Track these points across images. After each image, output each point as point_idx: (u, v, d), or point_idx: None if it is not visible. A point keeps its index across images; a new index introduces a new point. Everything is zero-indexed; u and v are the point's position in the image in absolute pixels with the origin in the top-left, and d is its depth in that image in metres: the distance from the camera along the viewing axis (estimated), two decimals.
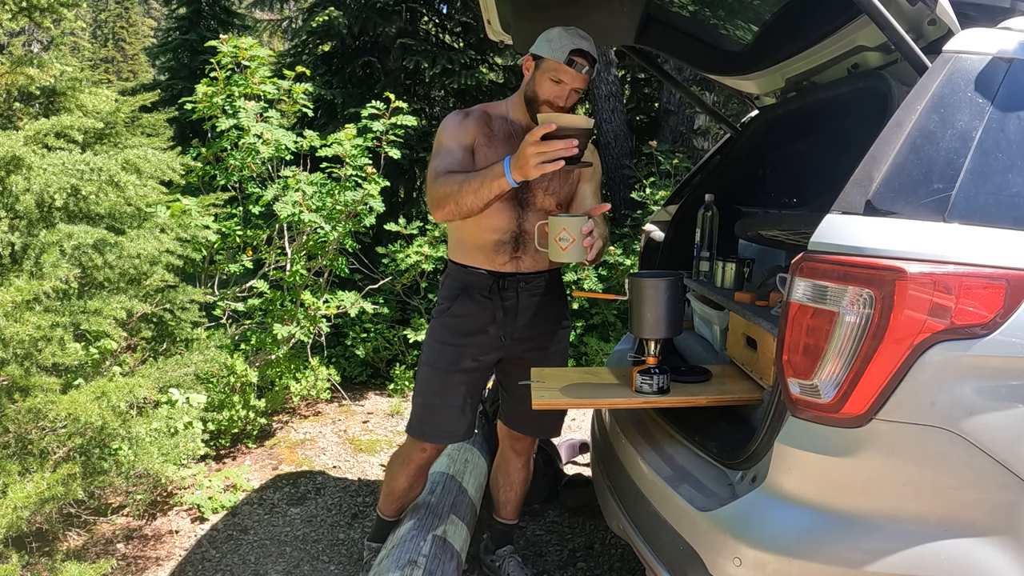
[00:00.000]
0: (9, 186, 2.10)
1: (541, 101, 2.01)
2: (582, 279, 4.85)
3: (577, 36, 2.00)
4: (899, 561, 1.34)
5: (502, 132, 2.08)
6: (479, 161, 2.03)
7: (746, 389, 2.00)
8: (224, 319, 3.91)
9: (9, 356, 1.95)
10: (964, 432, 1.31)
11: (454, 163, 2.01)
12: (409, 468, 2.27)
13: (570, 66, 1.96)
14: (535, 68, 2.03)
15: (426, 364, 2.17)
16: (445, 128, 2.07)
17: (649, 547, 1.73)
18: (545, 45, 2.01)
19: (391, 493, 2.35)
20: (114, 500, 2.83)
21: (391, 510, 2.39)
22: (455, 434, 2.19)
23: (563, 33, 2.00)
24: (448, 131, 2.06)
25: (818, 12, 1.96)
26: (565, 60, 1.96)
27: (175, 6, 9.04)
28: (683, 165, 5.99)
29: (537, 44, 2.04)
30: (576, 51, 1.97)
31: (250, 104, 3.87)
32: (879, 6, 1.44)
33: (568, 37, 1.99)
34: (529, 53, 2.05)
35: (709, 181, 2.69)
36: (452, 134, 2.05)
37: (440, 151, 2.05)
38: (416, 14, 7.22)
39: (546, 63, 1.99)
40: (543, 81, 2.00)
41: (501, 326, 2.13)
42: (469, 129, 2.06)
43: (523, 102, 2.08)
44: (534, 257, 2.11)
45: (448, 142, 2.05)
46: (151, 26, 32.19)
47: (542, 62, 2.01)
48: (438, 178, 1.97)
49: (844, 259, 1.35)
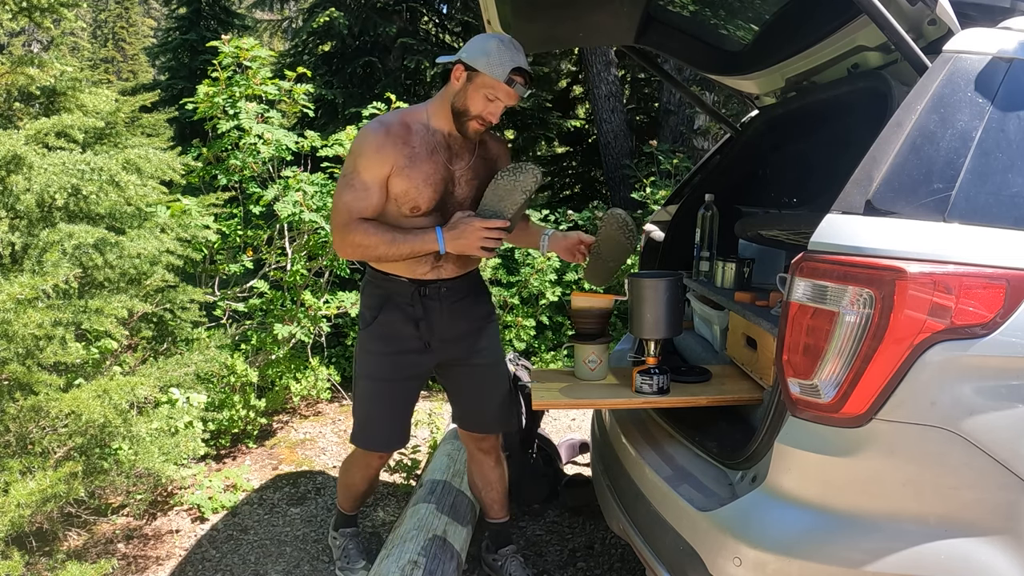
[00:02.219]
0: (10, 186, 2.10)
1: (472, 116, 1.95)
2: (582, 279, 4.86)
3: (517, 52, 1.92)
4: (899, 561, 1.34)
5: (424, 147, 1.97)
6: (397, 187, 1.94)
7: (746, 389, 2.00)
8: (224, 319, 3.91)
9: (11, 354, 1.95)
10: (964, 432, 1.31)
11: (368, 208, 1.94)
12: (367, 472, 2.34)
13: (509, 85, 1.90)
14: (467, 80, 1.93)
15: (362, 376, 2.15)
16: (363, 153, 1.93)
17: (649, 547, 1.73)
18: (482, 59, 1.89)
19: (352, 494, 2.43)
20: (114, 500, 2.83)
21: (352, 507, 2.48)
22: (399, 441, 2.22)
23: (502, 48, 1.90)
24: (365, 159, 1.92)
25: (818, 12, 1.96)
26: (505, 79, 1.89)
27: (175, 6, 9.04)
28: (683, 165, 5.99)
29: (471, 54, 1.91)
30: (516, 70, 1.90)
31: (251, 105, 3.87)
32: (879, 6, 1.44)
33: (508, 53, 1.90)
34: (460, 60, 1.93)
35: (709, 181, 2.69)
36: (369, 165, 1.92)
37: (354, 182, 1.94)
38: (416, 14, 7.23)
39: (482, 78, 1.90)
40: (476, 96, 1.93)
41: (427, 332, 2.09)
42: (387, 157, 1.92)
43: (447, 110, 1.98)
44: (455, 263, 2.08)
45: (364, 174, 1.93)
46: (151, 26, 32.19)
47: (477, 76, 1.91)
48: (352, 225, 1.92)
49: (844, 259, 1.35)
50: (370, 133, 1.94)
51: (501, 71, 1.89)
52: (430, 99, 2.05)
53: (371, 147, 1.92)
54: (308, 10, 7.38)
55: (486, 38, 1.94)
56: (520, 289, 4.74)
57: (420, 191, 1.95)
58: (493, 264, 4.74)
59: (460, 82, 1.94)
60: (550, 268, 4.72)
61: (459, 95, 1.95)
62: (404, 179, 1.94)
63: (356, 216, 1.93)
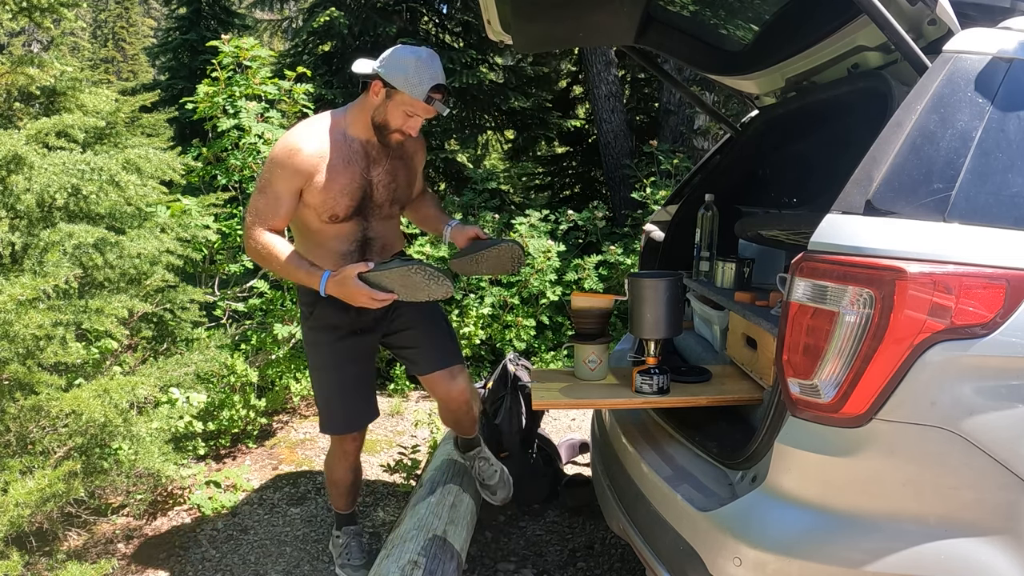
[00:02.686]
0: (10, 186, 2.10)
1: (392, 130, 2.00)
2: (582, 279, 4.86)
3: (435, 68, 1.95)
4: (899, 561, 1.34)
5: (341, 158, 2.00)
6: (314, 198, 1.99)
7: (746, 389, 2.00)
8: (224, 319, 3.91)
9: (12, 354, 1.95)
10: (964, 432, 1.31)
11: (277, 216, 1.99)
12: (347, 462, 2.36)
13: (428, 103, 1.95)
14: (386, 96, 1.96)
15: (314, 368, 2.26)
16: (279, 163, 1.96)
17: (649, 547, 1.73)
18: (400, 77, 1.92)
19: (341, 490, 2.44)
20: (114, 500, 2.83)
21: (346, 505, 2.49)
22: (366, 417, 2.30)
23: (420, 65, 1.92)
24: (280, 169, 1.96)
25: (818, 12, 1.96)
26: (424, 99, 1.94)
27: (175, 6, 9.05)
28: (683, 165, 5.99)
29: (389, 71, 1.93)
30: (435, 87, 1.94)
31: (251, 104, 3.87)
32: (879, 6, 1.44)
33: (427, 71, 1.93)
34: (377, 75, 1.94)
35: (709, 181, 2.69)
36: (283, 176, 1.96)
37: (267, 190, 1.98)
38: (416, 14, 7.23)
39: (401, 96, 1.94)
40: (396, 112, 1.97)
41: (359, 317, 2.16)
42: (302, 170, 1.96)
43: (366, 120, 2.02)
44: (379, 252, 2.16)
45: (277, 184, 1.97)
46: (151, 26, 32.20)
47: (396, 94, 1.94)
48: (259, 231, 1.98)
49: (844, 259, 1.35)
50: (288, 144, 1.96)
51: (420, 91, 1.93)
52: (349, 104, 2.08)
53: (287, 159, 1.95)
54: (308, 10, 7.38)
55: (404, 54, 1.95)
56: (520, 289, 4.74)
57: (337, 201, 2.01)
58: None
59: (379, 98, 1.97)
60: (550, 268, 4.72)
61: (378, 110, 1.99)
62: (320, 191, 1.99)
63: (265, 222, 1.99)
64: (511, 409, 2.97)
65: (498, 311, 4.71)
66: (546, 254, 4.72)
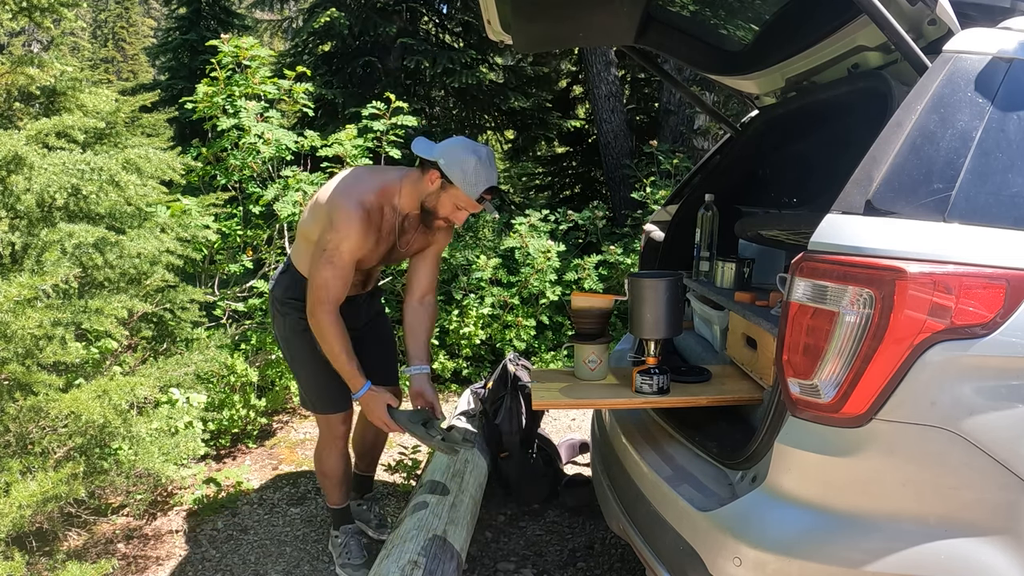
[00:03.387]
0: (10, 186, 2.10)
1: (439, 216, 2.14)
2: (582, 279, 4.86)
3: (492, 171, 2.07)
4: (899, 561, 1.34)
5: (387, 228, 2.18)
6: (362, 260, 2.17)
7: (746, 389, 2.00)
8: (224, 319, 3.91)
9: (11, 354, 1.95)
10: (964, 432, 1.31)
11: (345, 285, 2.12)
12: (336, 448, 2.44)
13: (479, 202, 2.08)
14: (440, 187, 2.08)
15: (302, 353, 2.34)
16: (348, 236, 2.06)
17: (649, 547, 1.73)
18: (459, 174, 2.03)
19: (332, 482, 2.50)
20: (114, 500, 2.83)
21: (340, 497, 2.54)
22: (348, 398, 2.37)
23: (479, 168, 2.03)
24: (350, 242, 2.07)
25: (818, 12, 1.96)
26: (476, 198, 2.06)
27: (175, 6, 9.04)
28: (683, 165, 5.99)
29: (449, 164, 2.03)
30: (488, 189, 2.06)
31: (251, 104, 3.87)
32: (879, 6, 1.44)
33: (484, 173, 2.04)
34: (438, 167, 2.05)
35: (709, 181, 2.69)
36: (352, 248, 2.08)
37: (335, 260, 2.07)
38: (416, 14, 7.23)
39: (455, 191, 2.06)
40: (447, 203, 2.10)
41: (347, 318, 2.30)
42: (367, 240, 2.12)
43: (415, 200, 2.15)
44: (363, 286, 2.43)
45: (347, 256, 2.09)
46: (151, 26, 32.19)
47: (451, 187, 2.06)
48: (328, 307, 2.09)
49: (844, 259, 1.35)
50: (355, 217, 2.07)
51: (475, 191, 2.05)
52: (404, 173, 2.18)
53: (357, 231, 2.07)
54: (308, 10, 7.38)
55: (465, 152, 2.05)
56: (520, 289, 4.74)
57: (371, 259, 2.24)
58: (494, 264, 4.74)
59: (434, 186, 2.09)
60: (550, 268, 4.72)
61: (431, 196, 2.12)
62: (367, 255, 2.19)
63: (335, 295, 2.10)
64: (511, 409, 2.97)
65: (498, 311, 4.71)
66: (546, 254, 4.72)
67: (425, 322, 2.40)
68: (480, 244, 5.15)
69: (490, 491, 2.95)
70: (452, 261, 4.82)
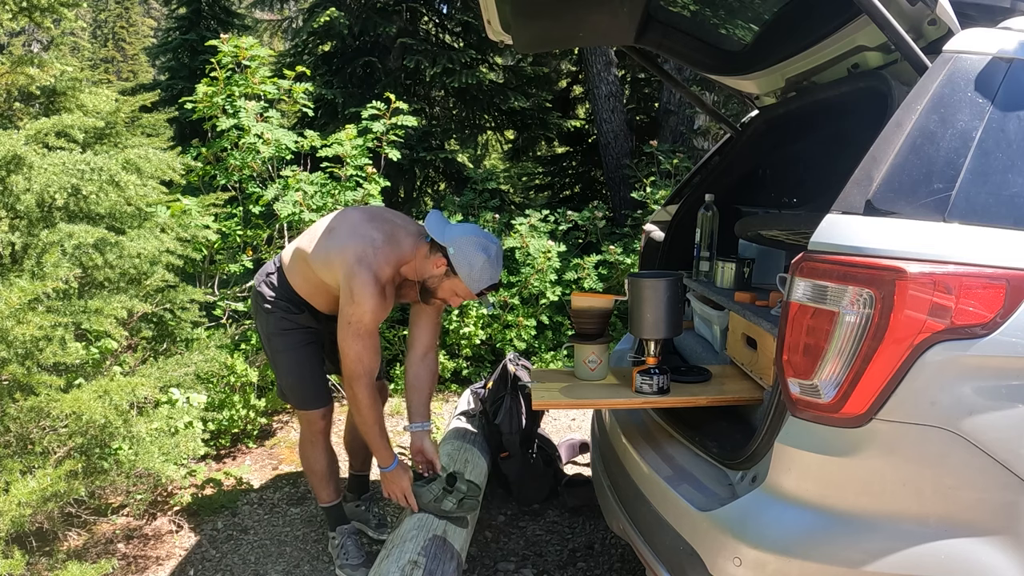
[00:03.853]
0: (10, 186, 2.10)
1: (436, 297, 2.25)
2: (582, 279, 4.86)
3: (498, 270, 2.18)
4: (899, 561, 1.34)
5: (393, 290, 2.27)
6: None
7: (746, 389, 2.00)
8: (224, 319, 3.91)
9: (11, 355, 1.95)
10: (964, 432, 1.31)
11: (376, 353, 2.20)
12: (318, 445, 2.47)
13: (476, 295, 2.19)
14: (444, 274, 2.18)
15: (281, 351, 2.39)
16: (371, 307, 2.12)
17: (649, 547, 1.73)
18: (466, 270, 2.13)
19: (319, 479, 2.51)
20: (114, 500, 2.83)
21: (329, 494, 2.54)
22: (329, 395, 2.46)
23: (485, 267, 2.14)
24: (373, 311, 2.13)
25: (818, 12, 1.96)
26: (477, 293, 2.18)
27: (175, 6, 9.04)
28: (683, 165, 5.99)
29: (457, 257, 2.12)
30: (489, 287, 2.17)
31: (250, 104, 3.87)
32: (879, 6, 1.44)
33: (490, 272, 2.15)
34: (445, 253, 2.14)
35: (709, 181, 2.69)
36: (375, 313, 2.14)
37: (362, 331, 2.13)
38: (416, 14, 7.23)
39: (456, 282, 2.17)
40: (447, 287, 2.21)
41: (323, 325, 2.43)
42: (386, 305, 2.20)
43: (419, 275, 2.24)
44: None
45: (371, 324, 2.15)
46: (151, 26, 32.18)
47: (453, 277, 2.16)
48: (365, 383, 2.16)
49: (844, 259, 1.35)
50: (374, 291, 2.13)
51: (476, 287, 2.16)
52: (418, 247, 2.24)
53: (376, 302, 2.14)
54: (308, 10, 7.38)
55: (476, 248, 2.14)
56: (520, 289, 4.74)
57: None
58: None
59: (439, 271, 2.19)
60: (550, 268, 4.72)
61: (432, 279, 2.22)
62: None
63: (369, 366, 2.17)
64: (511, 409, 2.97)
65: (498, 311, 4.71)
66: (546, 254, 4.72)
67: (426, 379, 2.43)
68: None
69: (490, 491, 2.95)
70: None
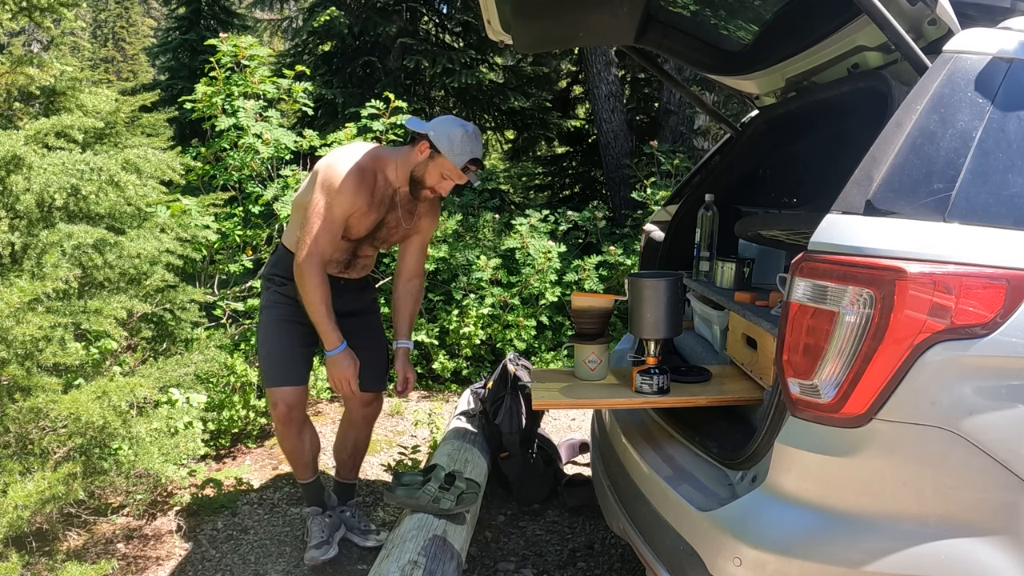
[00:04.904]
0: (9, 186, 2.10)
1: (426, 186, 2.28)
2: (583, 279, 4.86)
3: (477, 144, 2.23)
4: (899, 561, 1.34)
5: (379, 198, 2.30)
6: (351, 225, 2.28)
7: (746, 389, 2.00)
8: (224, 319, 3.91)
9: (10, 356, 1.95)
10: (964, 432, 1.31)
11: (334, 241, 2.25)
12: (291, 426, 2.45)
13: (464, 171, 2.23)
14: (429, 156, 2.23)
15: (262, 324, 2.45)
16: (340, 192, 2.19)
17: (649, 547, 1.73)
18: (446, 144, 2.19)
19: (296, 459, 2.54)
20: (114, 500, 2.82)
21: (307, 472, 2.57)
22: (300, 376, 2.44)
23: (465, 139, 2.19)
24: (342, 198, 2.20)
25: (818, 12, 1.96)
26: (461, 167, 2.21)
27: (175, 6, 9.04)
28: (683, 165, 5.99)
29: (438, 136, 2.19)
30: (472, 160, 2.22)
31: (249, 103, 3.87)
32: (879, 6, 1.44)
33: (470, 145, 2.20)
34: (427, 138, 2.20)
35: (709, 181, 2.69)
36: (343, 203, 2.21)
37: (326, 215, 2.19)
38: (416, 14, 7.23)
39: (442, 160, 2.21)
40: (434, 172, 2.25)
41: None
42: (359, 200, 2.24)
43: (406, 172, 2.29)
44: (357, 272, 2.51)
45: (336, 211, 2.21)
46: (151, 26, 32.18)
47: (438, 156, 2.21)
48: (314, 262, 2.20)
49: (844, 259, 1.35)
50: (349, 175, 2.20)
51: (460, 160, 2.21)
52: (396, 150, 2.34)
53: (349, 189, 2.20)
54: (308, 10, 7.38)
55: (453, 125, 2.22)
56: (520, 289, 4.74)
57: (359, 230, 2.33)
58: (494, 264, 4.74)
59: (423, 155, 2.24)
60: (551, 269, 4.72)
61: (419, 166, 2.26)
62: (357, 219, 2.28)
63: (322, 247, 2.21)
64: (511, 409, 2.97)
65: (498, 311, 4.71)
66: (546, 255, 4.72)
67: (410, 303, 2.55)
68: (480, 244, 5.15)
69: (490, 491, 2.95)
70: (452, 261, 4.82)
